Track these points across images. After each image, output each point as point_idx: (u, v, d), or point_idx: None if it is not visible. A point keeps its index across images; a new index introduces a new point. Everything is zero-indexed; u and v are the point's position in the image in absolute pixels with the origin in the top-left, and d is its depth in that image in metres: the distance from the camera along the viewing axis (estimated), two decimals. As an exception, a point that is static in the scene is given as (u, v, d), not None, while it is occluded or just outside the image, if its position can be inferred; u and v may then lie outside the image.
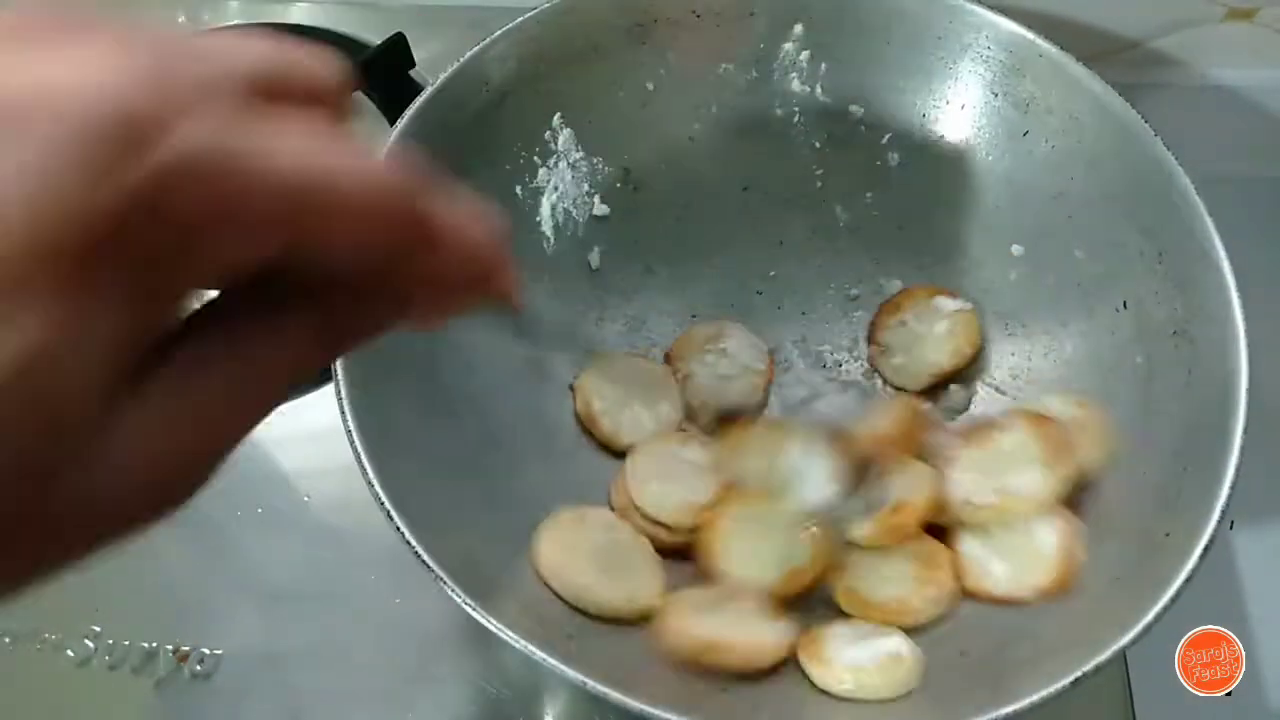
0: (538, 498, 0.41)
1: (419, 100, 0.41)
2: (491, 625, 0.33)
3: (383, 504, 0.35)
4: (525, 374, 0.44)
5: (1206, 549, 0.34)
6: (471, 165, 0.44)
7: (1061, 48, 0.42)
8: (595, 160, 0.47)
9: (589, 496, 0.42)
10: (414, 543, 0.34)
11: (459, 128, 0.43)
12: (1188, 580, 0.33)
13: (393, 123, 0.41)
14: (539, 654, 0.33)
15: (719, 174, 0.49)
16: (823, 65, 0.47)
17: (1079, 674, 0.32)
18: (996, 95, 0.44)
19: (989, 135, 0.45)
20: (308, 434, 0.47)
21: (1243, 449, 0.35)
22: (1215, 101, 0.56)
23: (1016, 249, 0.45)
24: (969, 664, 0.37)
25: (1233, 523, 0.45)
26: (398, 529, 0.34)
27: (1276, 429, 0.40)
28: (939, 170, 0.47)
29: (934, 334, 0.44)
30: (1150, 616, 0.33)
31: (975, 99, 0.45)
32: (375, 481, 0.35)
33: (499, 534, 0.39)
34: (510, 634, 0.33)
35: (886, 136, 0.48)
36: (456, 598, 0.34)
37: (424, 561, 0.34)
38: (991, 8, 0.43)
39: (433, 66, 0.55)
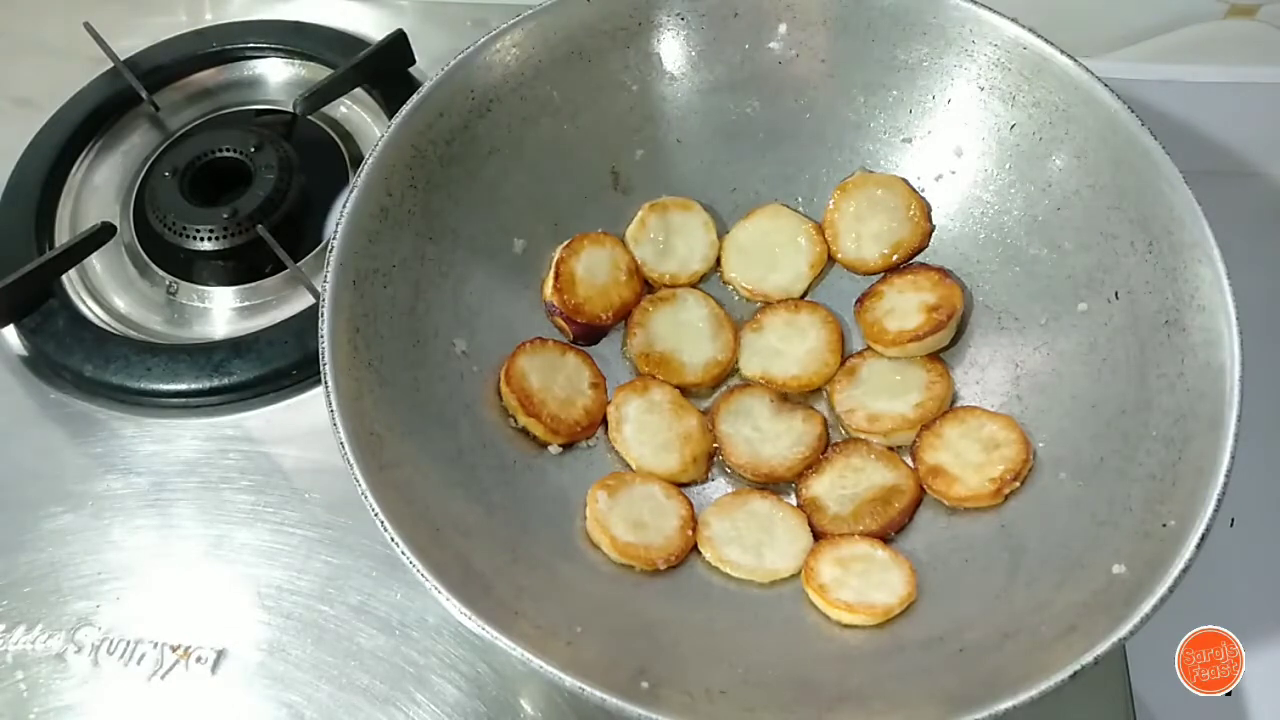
0: (530, 503, 0.41)
1: (403, 111, 0.41)
2: (489, 634, 0.33)
3: (376, 513, 0.35)
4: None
5: (1203, 539, 0.33)
6: (455, 174, 0.44)
7: (1048, 41, 0.42)
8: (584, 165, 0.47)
9: (578, 500, 0.42)
10: (409, 554, 0.34)
11: (444, 136, 0.43)
12: (1185, 570, 0.33)
13: (391, 117, 0.41)
14: (536, 661, 0.33)
15: (707, 176, 0.49)
16: (809, 65, 0.47)
17: (1078, 666, 0.32)
18: (983, 89, 0.44)
19: (976, 129, 0.45)
20: (309, 432, 0.48)
21: (1237, 437, 0.35)
22: (1217, 97, 0.56)
23: (1007, 242, 0.45)
24: (968, 659, 0.37)
25: (1233, 520, 0.45)
26: (392, 539, 0.34)
27: (1274, 427, 0.40)
28: (927, 166, 0.47)
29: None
30: (1148, 607, 0.33)
31: (962, 94, 0.45)
32: (369, 494, 0.35)
33: (494, 539, 0.39)
34: (508, 641, 0.33)
35: (874, 134, 0.47)
36: (454, 609, 0.34)
37: (420, 573, 0.34)
38: (976, 2, 0.43)
39: (434, 63, 0.55)
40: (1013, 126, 0.44)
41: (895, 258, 0.46)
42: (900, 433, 0.43)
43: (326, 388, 0.37)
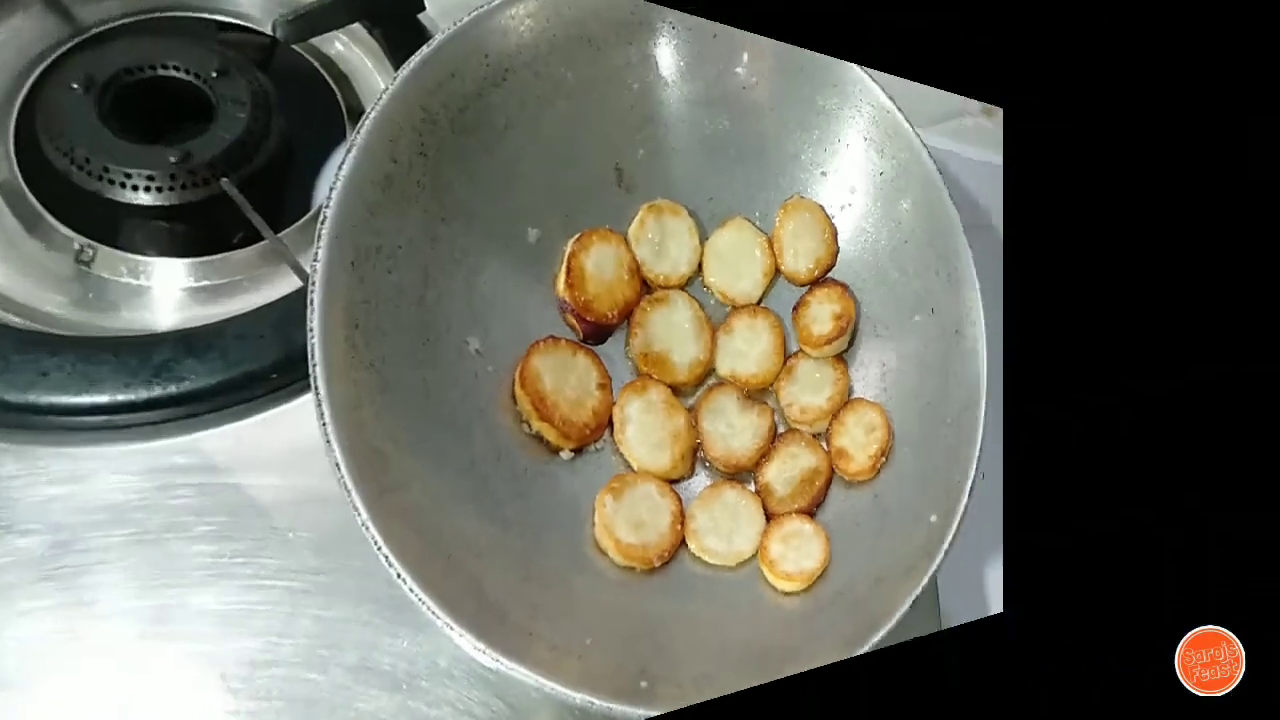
0: (543, 514, 0.39)
1: (411, 63, 0.34)
2: (504, 665, 0.32)
3: (379, 547, 0.30)
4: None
5: (970, 491, 0.46)
6: (469, 145, 0.38)
7: (900, 110, 0.53)
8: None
9: (588, 507, 0.41)
10: (419, 591, 0.31)
11: (457, 102, 0.38)
12: (964, 515, 0.46)
13: (397, 67, 0.34)
14: (550, 685, 0.33)
15: (694, 183, 0.51)
16: (764, 94, 0.51)
17: (915, 595, 0.43)
18: (865, 140, 0.54)
19: (861, 171, 0.54)
20: (289, 453, 0.39)
21: (986, 423, 0.48)
22: (972, 169, 0.74)
23: (878, 265, 0.55)
24: (857, 605, 0.46)
25: (984, 474, 0.61)
26: (399, 576, 0.31)
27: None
28: (835, 197, 0.55)
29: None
30: (947, 544, 0.45)
31: (854, 141, 0.54)
32: (370, 524, 0.30)
33: (508, 557, 0.36)
34: (524, 670, 0.32)
35: (805, 165, 0.53)
36: (468, 644, 0.32)
37: (432, 611, 0.31)
38: (864, 70, 0.52)
39: (445, 14, 0.47)
40: (880, 173, 0.54)
41: (817, 273, 0.55)
42: (820, 422, 0.52)
43: (317, 395, 0.31)
